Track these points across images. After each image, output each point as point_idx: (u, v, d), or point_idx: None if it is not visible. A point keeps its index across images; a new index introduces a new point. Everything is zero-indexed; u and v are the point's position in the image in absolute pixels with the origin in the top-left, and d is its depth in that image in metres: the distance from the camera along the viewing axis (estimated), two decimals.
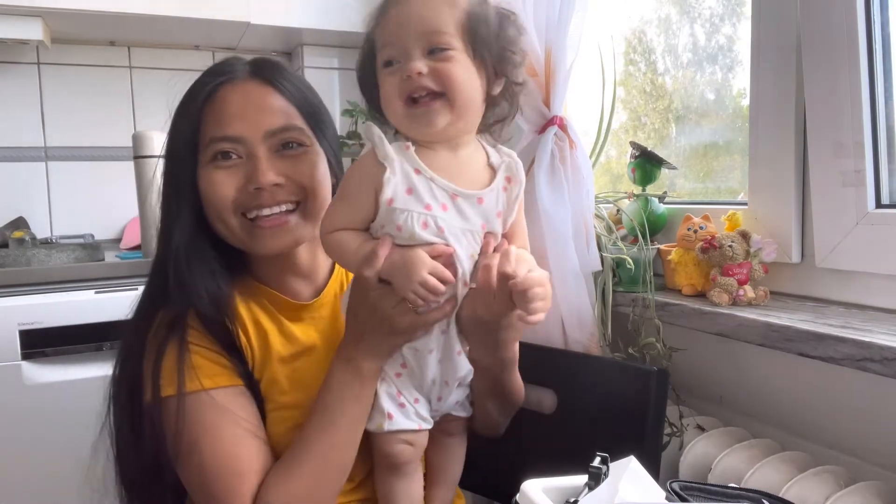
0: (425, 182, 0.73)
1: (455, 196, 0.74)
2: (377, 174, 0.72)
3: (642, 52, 1.55)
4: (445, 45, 0.71)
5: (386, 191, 0.72)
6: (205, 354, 0.80)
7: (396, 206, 0.72)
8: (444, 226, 0.73)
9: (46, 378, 1.57)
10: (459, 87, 0.71)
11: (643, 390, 0.98)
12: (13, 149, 2.11)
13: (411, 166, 0.73)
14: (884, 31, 0.96)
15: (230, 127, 0.81)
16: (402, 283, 0.71)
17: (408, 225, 0.72)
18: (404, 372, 0.81)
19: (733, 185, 1.33)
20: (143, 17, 1.89)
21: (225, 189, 0.81)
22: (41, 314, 1.56)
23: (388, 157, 0.72)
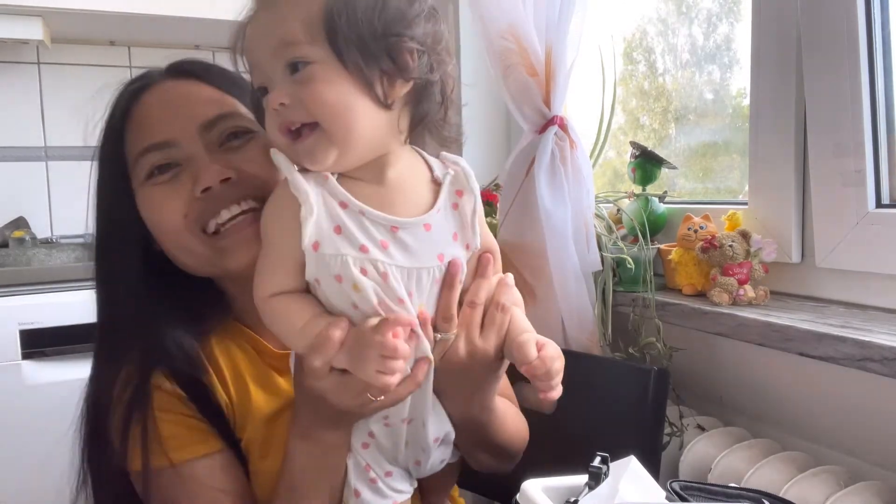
0: (355, 217, 0.58)
1: (395, 228, 0.59)
2: (293, 212, 0.57)
3: (642, 52, 1.55)
4: (302, 57, 0.56)
5: (306, 233, 0.56)
6: (175, 420, 0.70)
7: (325, 251, 0.57)
8: (389, 270, 0.58)
9: (46, 378, 1.57)
10: (330, 112, 0.56)
11: (643, 390, 0.98)
12: (13, 149, 2.11)
13: (335, 199, 0.58)
14: (884, 31, 0.96)
15: (156, 132, 0.70)
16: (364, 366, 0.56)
17: (346, 273, 0.57)
18: (372, 442, 0.67)
19: (733, 185, 1.33)
20: (143, 17, 1.89)
21: (171, 206, 0.69)
22: (41, 314, 1.56)
23: (300, 191, 0.57)
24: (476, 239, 0.64)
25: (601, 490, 0.57)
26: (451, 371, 0.65)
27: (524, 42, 1.21)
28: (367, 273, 0.58)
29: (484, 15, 1.25)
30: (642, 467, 0.60)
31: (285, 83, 0.57)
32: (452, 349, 0.64)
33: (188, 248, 0.70)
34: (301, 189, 0.57)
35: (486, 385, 0.69)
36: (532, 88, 1.21)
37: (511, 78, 1.24)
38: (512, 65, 1.23)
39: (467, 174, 0.65)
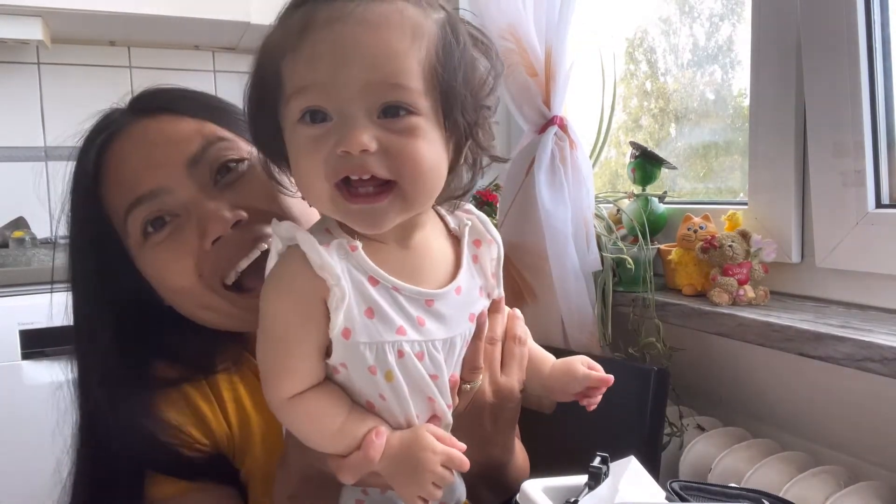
0: (387, 295, 0.51)
1: (429, 302, 0.53)
2: (316, 296, 0.50)
3: (644, 52, 1.55)
4: (408, 105, 0.48)
5: (337, 320, 0.49)
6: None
7: (358, 339, 0.50)
8: (424, 349, 0.53)
9: (46, 378, 1.57)
10: (424, 174, 0.49)
11: (643, 390, 0.98)
12: (13, 149, 2.11)
13: (363, 275, 0.51)
14: (884, 31, 0.96)
15: (140, 183, 0.63)
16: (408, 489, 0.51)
17: (381, 361, 0.51)
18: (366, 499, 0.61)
19: (734, 186, 1.33)
20: (143, 17, 1.89)
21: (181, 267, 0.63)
22: (41, 314, 1.56)
23: (330, 273, 0.49)
24: (499, 289, 0.61)
25: (601, 490, 0.57)
26: (480, 413, 0.62)
27: (524, 42, 1.21)
28: (403, 355, 0.52)
29: (484, 15, 1.25)
30: (642, 467, 0.60)
31: (370, 124, 0.47)
32: (479, 393, 0.61)
33: (212, 308, 0.64)
34: (331, 271, 0.49)
35: (510, 423, 0.67)
36: (532, 88, 1.21)
37: (511, 78, 1.24)
38: (512, 65, 1.23)
39: (485, 223, 0.60)
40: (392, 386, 0.53)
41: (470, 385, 0.60)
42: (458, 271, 0.57)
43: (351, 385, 0.54)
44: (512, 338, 0.64)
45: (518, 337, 0.64)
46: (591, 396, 0.63)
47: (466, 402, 0.61)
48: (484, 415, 0.63)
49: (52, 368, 1.59)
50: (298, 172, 0.51)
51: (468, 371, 0.60)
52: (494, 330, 0.62)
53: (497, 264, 0.60)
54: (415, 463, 0.51)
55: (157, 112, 0.67)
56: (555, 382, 0.64)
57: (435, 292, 0.54)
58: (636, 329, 1.16)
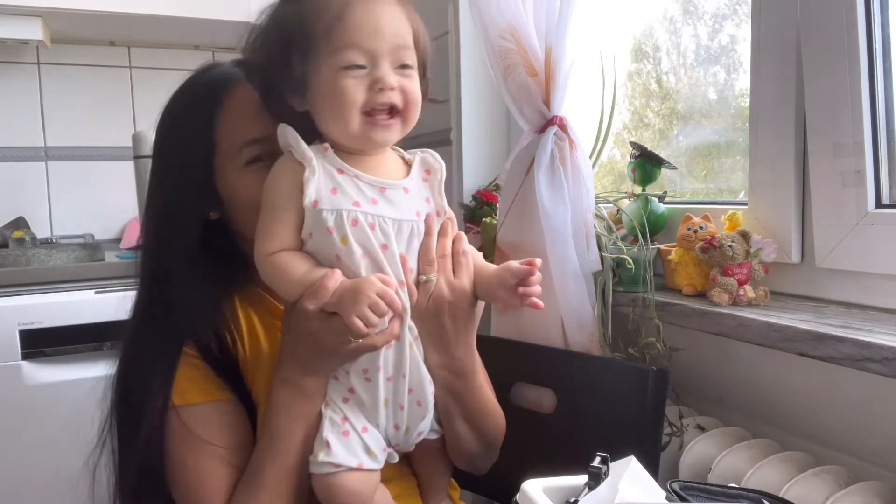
0: (350, 180, 0.71)
1: (383, 189, 0.72)
2: (297, 176, 0.69)
3: (649, 51, 1.55)
4: (410, 61, 0.72)
5: (308, 191, 0.69)
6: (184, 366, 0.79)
7: (322, 206, 0.69)
8: (376, 221, 0.70)
9: (46, 378, 1.57)
10: (416, 106, 0.72)
11: (643, 390, 0.98)
12: (13, 149, 2.11)
13: (333, 166, 0.71)
14: (884, 31, 0.96)
15: (256, 128, 0.79)
16: (349, 310, 0.67)
17: (338, 225, 0.69)
18: (352, 397, 0.75)
19: (736, 186, 1.33)
20: (143, 17, 1.89)
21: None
22: (41, 314, 1.56)
23: (306, 157, 0.70)
24: (443, 203, 0.77)
25: (601, 490, 0.57)
26: (439, 312, 0.76)
27: (524, 42, 1.21)
28: (356, 223, 0.69)
29: (484, 15, 1.25)
30: (642, 467, 0.60)
31: (393, 74, 0.70)
32: (437, 289, 0.75)
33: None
34: (307, 155, 0.69)
35: (469, 325, 0.80)
36: (532, 88, 1.21)
37: (511, 78, 1.24)
38: (512, 65, 1.23)
39: (433, 154, 0.78)
40: (347, 249, 0.69)
41: (426, 277, 0.75)
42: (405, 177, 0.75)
43: (316, 252, 0.71)
44: (458, 252, 0.78)
45: (463, 250, 0.78)
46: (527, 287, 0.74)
47: (426, 296, 0.75)
48: (443, 312, 0.76)
49: (52, 368, 1.59)
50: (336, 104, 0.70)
51: (424, 263, 0.75)
52: (444, 248, 0.77)
53: (440, 183, 0.77)
54: (355, 290, 0.67)
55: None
56: (494, 279, 0.77)
57: (388, 181, 0.72)
58: (636, 329, 1.17)
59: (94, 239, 2.06)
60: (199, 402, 0.79)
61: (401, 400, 0.75)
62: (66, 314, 1.58)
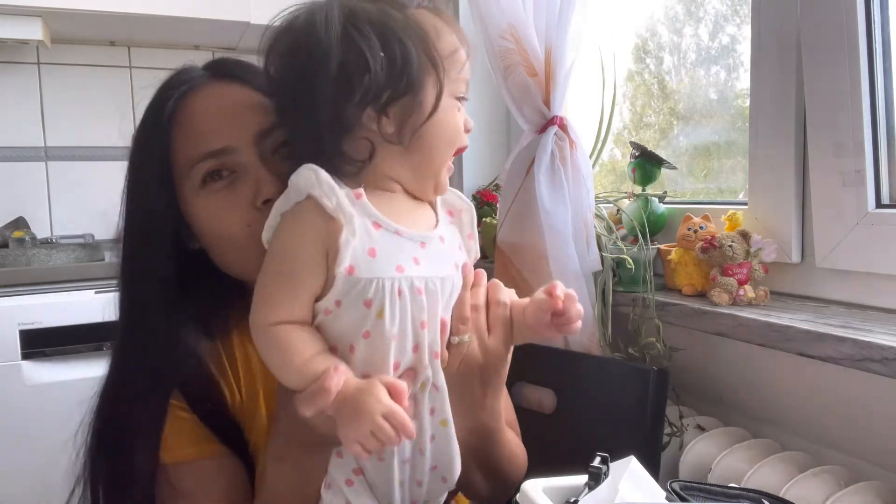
0: (389, 236, 0.59)
1: (423, 244, 0.60)
2: (329, 235, 0.56)
3: (652, 49, 1.55)
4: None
5: (343, 257, 0.55)
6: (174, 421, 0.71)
7: (361, 274, 0.56)
8: (422, 285, 0.59)
9: (46, 378, 1.57)
10: None
11: (643, 390, 0.98)
12: (13, 149, 2.11)
13: (369, 219, 0.58)
14: (884, 31, 0.96)
15: (213, 140, 0.69)
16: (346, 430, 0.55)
17: (379, 296, 0.56)
18: (358, 480, 0.64)
19: (736, 186, 1.33)
20: (143, 17, 1.89)
21: (233, 216, 0.69)
22: (41, 314, 1.56)
23: (345, 213, 0.56)
24: (475, 248, 0.68)
25: (601, 490, 0.57)
26: (469, 376, 0.67)
27: (524, 42, 1.21)
28: (402, 294, 0.57)
29: (484, 15, 1.25)
30: (642, 467, 0.60)
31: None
32: (469, 353, 0.66)
33: (249, 259, 0.66)
34: (345, 210, 0.56)
35: (497, 383, 0.71)
36: (532, 88, 1.21)
37: (511, 78, 1.24)
38: (512, 65, 1.23)
39: (456, 193, 0.68)
40: (380, 325, 0.57)
41: (459, 338, 0.65)
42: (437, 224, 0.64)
43: (338, 325, 0.58)
44: (496, 303, 0.69)
45: (501, 301, 0.69)
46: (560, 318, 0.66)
47: (458, 359, 0.65)
48: (474, 377, 0.67)
49: (52, 368, 1.59)
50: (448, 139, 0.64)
51: (456, 323, 0.64)
52: (478, 298, 0.68)
53: (471, 226, 0.68)
54: (358, 405, 0.54)
55: (233, 80, 0.73)
56: (530, 320, 0.68)
57: (427, 234, 0.62)
58: (636, 329, 1.16)
59: (94, 239, 2.06)
60: (188, 459, 0.71)
61: (420, 477, 0.65)
62: (66, 314, 1.58)
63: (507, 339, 0.69)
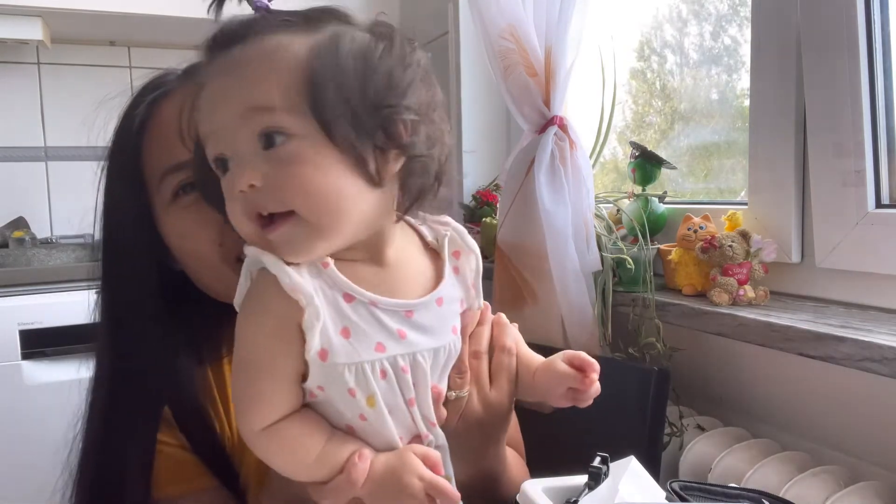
0: (364, 309, 0.50)
1: (409, 313, 0.52)
2: (292, 319, 0.48)
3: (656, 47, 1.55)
4: (279, 128, 0.47)
5: (312, 342, 0.48)
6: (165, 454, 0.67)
7: (336, 360, 0.49)
8: (408, 363, 0.52)
9: (46, 378, 1.57)
10: (315, 201, 0.48)
11: (643, 390, 0.98)
12: (13, 149, 2.11)
13: (338, 291, 0.50)
14: (884, 31, 0.96)
15: (180, 150, 0.63)
16: None
17: (362, 383, 0.50)
18: None
19: (736, 186, 1.33)
20: (143, 17, 1.89)
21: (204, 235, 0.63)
22: (41, 314, 1.56)
23: (304, 294, 0.48)
24: (479, 300, 0.60)
25: (601, 490, 0.57)
26: (468, 431, 0.61)
27: (524, 42, 1.22)
28: (385, 376, 0.51)
29: (484, 15, 1.25)
30: (642, 467, 0.60)
31: (256, 159, 0.47)
32: (468, 407, 0.60)
33: (224, 281, 0.62)
34: (302, 290, 0.48)
35: (501, 434, 0.66)
36: (532, 88, 1.21)
37: (511, 78, 1.24)
38: (512, 65, 1.24)
39: (461, 234, 0.58)
40: (375, 411, 0.51)
41: (456, 394, 0.59)
42: (439, 283, 0.55)
43: (330, 407, 0.52)
44: (500, 349, 0.62)
45: (506, 347, 0.62)
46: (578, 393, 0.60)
47: (456, 414, 0.60)
48: (474, 431, 0.61)
49: (52, 368, 1.59)
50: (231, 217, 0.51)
51: (454, 376, 0.58)
52: (480, 343, 0.61)
53: (476, 275, 0.59)
54: (399, 488, 0.49)
55: None
56: (541, 386, 0.62)
57: (414, 302, 0.53)
58: (636, 329, 1.16)
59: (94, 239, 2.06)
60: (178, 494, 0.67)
61: None
62: (66, 314, 1.58)
63: (511, 391, 0.63)
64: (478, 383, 0.61)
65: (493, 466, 0.67)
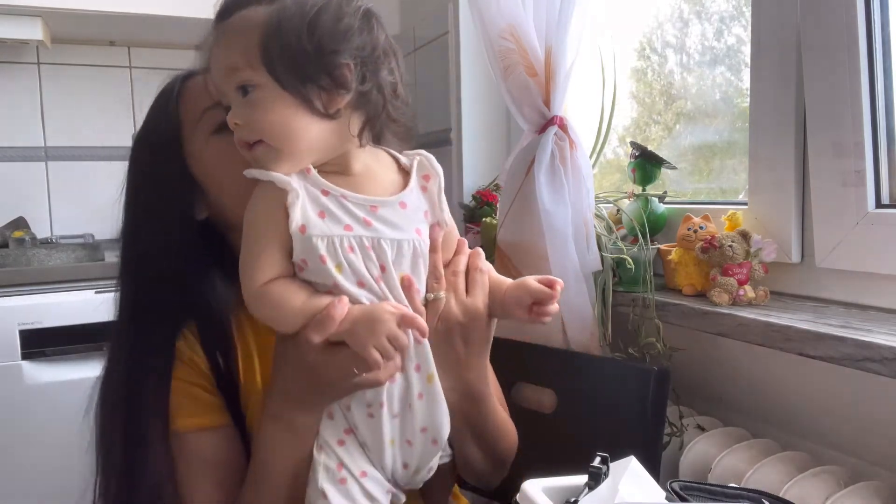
0: (336, 201, 0.64)
1: (374, 208, 0.65)
2: (279, 201, 0.63)
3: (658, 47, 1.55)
4: (246, 81, 0.63)
5: (294, 216, 0.62)
6: (185, 390, 0.75)
7: (311, 232, 0.62)
8: (372, 245, 0.64)
9: (46, 378, 1.57)
10: (271, 131, 0.63)
11: (643, 390, 0.98)
12: (13, 149, 2.11)
13: (317, 188, 0.64)
14: (884, 31, 0.96)
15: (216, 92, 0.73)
16: (364, 340, 0.61)
17: (332, 253, 0.62)
18: (349, 439, 0.68)
19: (739, 186, 1.33)
20: (143, 17, 1.89)
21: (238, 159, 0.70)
22: (41, 314, 1.56)
23: (282, 180, 0.63)
24: (445, 215, 0.71)
25: (601, 490, 0.57)
26: (450, 333, 0.71)
27: (524, 42, 1.22)
28: (353, 250, 0.63)
29: (484, 15, 1.25)
30: (642, 467, 0.60)
31: (238, 105, 0.64)
32: (447, 309, 0.71)
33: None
34: (284, 179, 0.63)
35: (481, 345, 0.75)
36: (532, 88, 1.21)
37: (511, 78, 1.24)
38: (512, 65, 1.24)
39: (429, 159, 0.72)
40: (343, 278, 0.63)
41: (434, 295, 0.70)
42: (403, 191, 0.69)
43: (312, 277, 0.64)
44: (475, 268, 0.74)
45: (479, 267, 0.74)
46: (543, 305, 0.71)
47: (435, 315, 0.70)
48: (455, 335, 0.72)
49: (52, 368, 1.59)
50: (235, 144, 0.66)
51: (431, 278, 0.70)
52: (458, 265, 0.73)
53: (440, 192, 0.71)
54: (372, 318, 0.61)
55: None
56: (510, 297, 0.73)
57: (377, 199, 0.66)
58: (636, 329, 1.17)
59: (94, 239, 2.06)
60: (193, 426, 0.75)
61: (409, 436, 0.69)
62: (66, 314, 1.58)
63: (485, 301, 0.73)
64: (456, 291, 0.72)
65: (477, 383, 0.76)
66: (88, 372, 1.73)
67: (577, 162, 1.20)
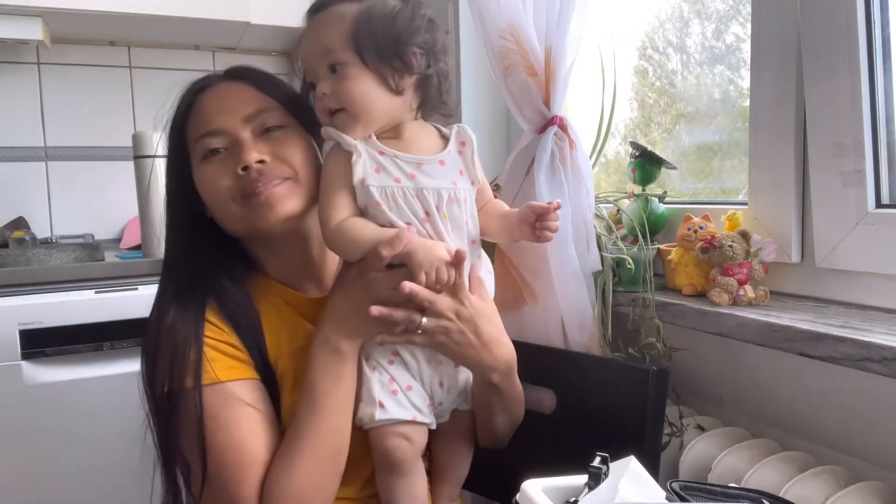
0: (390, 160, 0.81)
1: (420, 164, 0.82)
2: (346, 159, 0.80)
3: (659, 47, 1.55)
4: (338, 61, 0.79)
5: (356, 172, 0.80)
6: (220, 348, 0.84)
7: (370, 183, 0.80)
8: (415, 195, 0.81)
9: (46, 378, 1.57)
10: (352, 100, 0.79)
11: (643, 390, 0.98)
12: (13, 149, 2.11)
13: (375, 149, 0.81)
14: (884, 31, 0.96)
15: (210, 123, 0.86)
16: (420, 261, 0.76)
17: (385, 199, 0.80)
18: (396, 360, 0.85)
19: (739, 186, 1.33)
20: (143, 17, 1.89)
21: (219, 180, 0.85)
22: (41, 314, 1.56)
23: (350, 144, 0.81)
24: (478, 173, 0.87)
25: (601, 490, 0.57)
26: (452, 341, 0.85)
27: (524, 42, 1.21)
28: (402, 197, 0.80)
29: (484, 15, 1.25)
30: (642, 467, 0.60)
31: (327, 79, 0.81)
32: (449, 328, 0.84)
33: (230, 213, 0.86)
34: (351, 143, 0.81)
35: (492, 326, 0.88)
36: (532, 88, 1.21)
37: (511, 78, 1.24)
38: (512, 65, 1.23)
39: (465, 128, 0.87)
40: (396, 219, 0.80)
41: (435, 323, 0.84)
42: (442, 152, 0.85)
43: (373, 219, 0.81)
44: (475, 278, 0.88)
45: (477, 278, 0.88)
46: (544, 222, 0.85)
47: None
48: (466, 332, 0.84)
49: (52, 368, 1.59)
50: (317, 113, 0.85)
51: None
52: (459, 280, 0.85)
53: (473, 154, 0.87)
54: (430, 247, 0.78)
55: (237, 79, 0.91)
56: (516, 216, 0.88)
57: (424, 157, 0.83)
58: (636, 329, 1.17)
59: (94, 239, 2.06)
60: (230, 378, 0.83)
61: (443, 378, 0.86)
62: (66, 314, 1.58)
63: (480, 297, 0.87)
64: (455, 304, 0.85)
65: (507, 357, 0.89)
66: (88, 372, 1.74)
67: (577, 162, 1.20)
